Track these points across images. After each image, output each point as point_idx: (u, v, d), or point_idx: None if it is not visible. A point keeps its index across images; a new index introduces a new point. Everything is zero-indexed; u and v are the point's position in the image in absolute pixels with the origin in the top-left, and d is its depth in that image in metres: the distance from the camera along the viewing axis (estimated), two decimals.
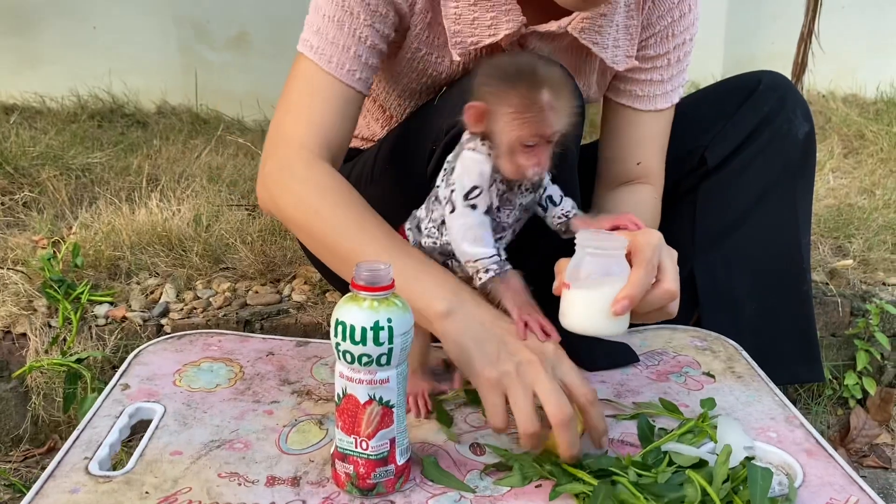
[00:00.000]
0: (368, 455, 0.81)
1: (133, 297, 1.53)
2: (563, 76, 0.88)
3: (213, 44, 3.34)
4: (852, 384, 1.64)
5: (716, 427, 0.93)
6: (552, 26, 1.09)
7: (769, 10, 3.52)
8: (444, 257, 0.97)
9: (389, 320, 0.78)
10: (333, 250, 1.01)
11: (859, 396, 1.64)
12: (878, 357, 1.66)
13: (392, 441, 0.82)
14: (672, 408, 1.00)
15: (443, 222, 0.94)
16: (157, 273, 1.62)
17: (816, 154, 1.30)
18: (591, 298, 0.87)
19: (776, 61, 3.10)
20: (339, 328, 0.78)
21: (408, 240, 0.99)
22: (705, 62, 3.30)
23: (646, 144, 1.24)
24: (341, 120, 1.09)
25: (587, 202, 1.23)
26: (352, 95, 1.09)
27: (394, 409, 0.81)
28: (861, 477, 1.48)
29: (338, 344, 0.79)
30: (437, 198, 0.95)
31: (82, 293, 1.49)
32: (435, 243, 0.96)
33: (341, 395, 0.81)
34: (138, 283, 1.59)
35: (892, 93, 3.39)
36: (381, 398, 0.80)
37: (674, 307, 0.90)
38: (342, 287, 1.49)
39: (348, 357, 0.79)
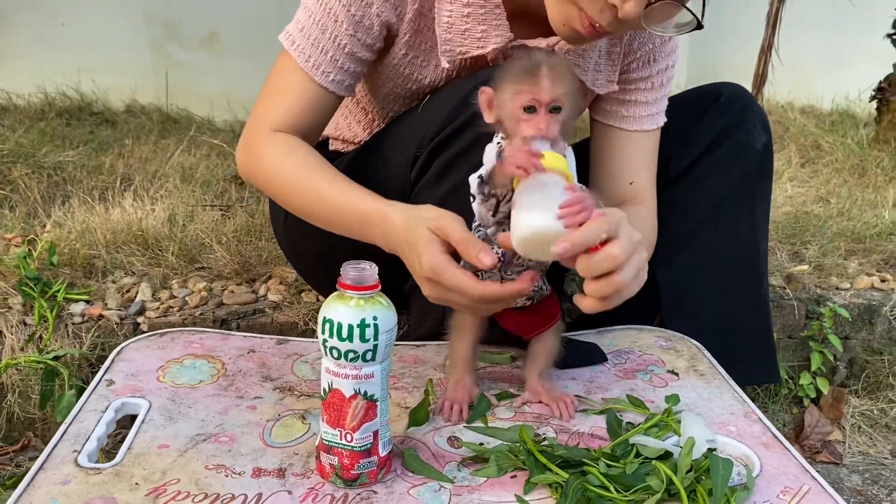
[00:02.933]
0: (353, 447, 0.85)
1: (109, 296, 1.54)
2: (563, 60, 0.95)
3: (184, 43, 3.33)
4: (807, 384, 1.71)
5: (680, 421, 0.99)
6: (540, 43, 1.14)
7: (731, 24, 3.62)
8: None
9: (375, 318, 0.81)
10: (295, 196, 1.12)
11: (813, 395, 1.72)
12: (831, 358, 1.73)
13: (375, 434, 0.85)
14: (639, 403, 1.05)
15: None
16: (133, 272, 1.64)
17: (774, 163, 1.37)
18: (532, 217, 0.87)
19: (737, 72, 3.20)
20: (327, 325, 0.82)
21: None
22: None
23: (637, 164, 1.28)
24: (311, 114, 1.16)
25: None
26: (324, 94, 1.14)
27: (377, 403, 0.85)
28: None
29: (325, 340, 0.82)
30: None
31: (58, 291, 1.49)
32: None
33: (327, 390, 0.85)
34: (114, 282, 1.60)
35: (846, 105, 3.51)
36: (365, 392, 0.83)
37: (619, 291, 0.87)
38: (319, 286, 1.52)
39: (335, 353, 0.82)
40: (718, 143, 1.30)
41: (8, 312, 1.47)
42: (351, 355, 0.82)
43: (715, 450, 0.92)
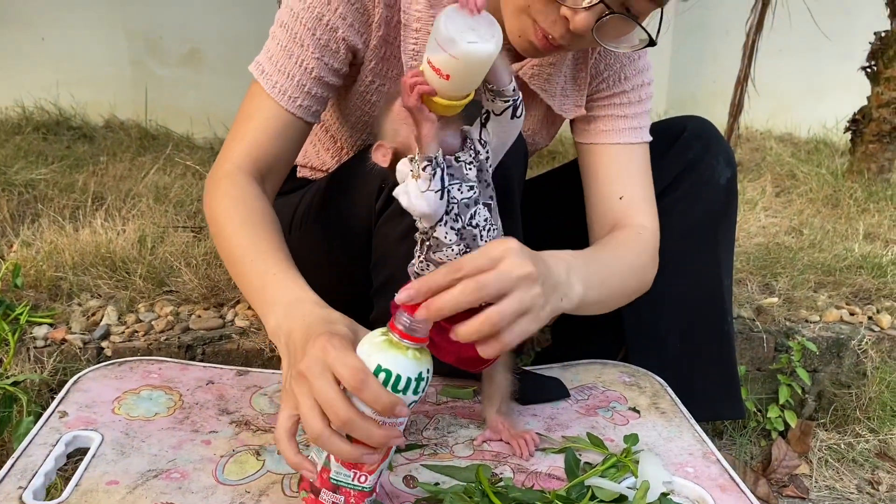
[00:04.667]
0: (364, 487, 0.82)
1: (73, 319, 1.52)
2: None
3: (164, 59, 3.33)
4: (775, 417, 1.72)
5: (638, 462, 0.98)
6: None
7: (710, 52, 3.67)
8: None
9: (429, 371, 0.79)
10: (224, 248, 1.06)
11: (781, 429, 1.72)
12: (799, 391, 1.74)
13: (381, 472, 0.85)
14: (598, 442, 1.05)
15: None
16: (100, 295, 1.62)
17: (738, 198, 1.37)
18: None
19: (716, 99, 3.25)
20: (382, 374, 0.76)
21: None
22: None
23: (624, 177, 1.24)
24: (276, 142, 1.13)
25: (535, 233, 1.21)
26: (291, 121, 1.13)
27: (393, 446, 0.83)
28: None
29: None
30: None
31: (21, 314, 1.47)
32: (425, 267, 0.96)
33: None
34: (79, 305, 1.58)
35: (824, 133, 3.55)
36: None
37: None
38: None
39: None
40: (682, 179, 1.31)
41: None
42: None
43: (669, 494, 0.92)
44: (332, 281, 1.24)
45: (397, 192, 0.89)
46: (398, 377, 0.76)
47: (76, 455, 0.99)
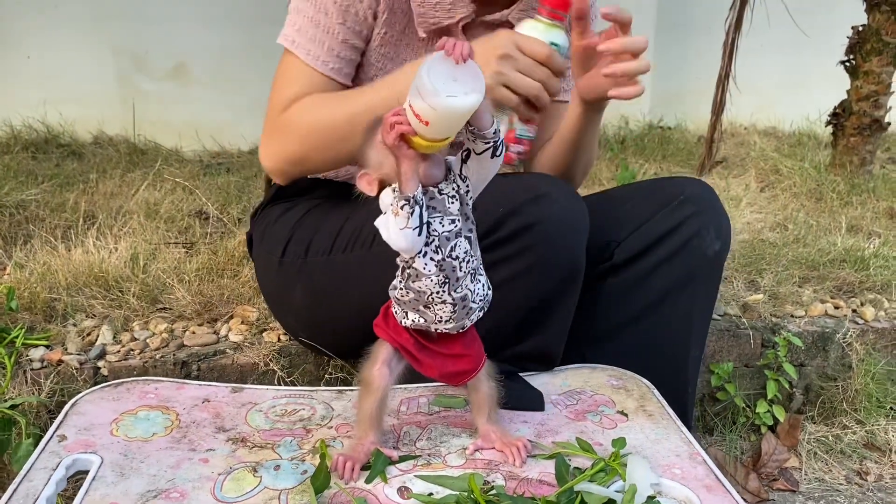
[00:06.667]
0: (532, 136, 1.25)
1: (69, 340, 1.54)
2: None
3: (151, 74, 3.34)
4: (763, 412, 1.75)
5: (626, 465, 1.01)
6: (495, 15, 1.29)
7: (694, 48, 3.70)
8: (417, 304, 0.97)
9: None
10: (337, 114, 1.22)
11: (770, 423, 1.75)
12: (787, 386, 1.77)
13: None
14: (587, 447, 1.07)
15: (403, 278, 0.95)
16: (94, 314, 1.64)
17: (722, 272, 1.34)
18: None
19: (700, 96, 3.28)
20: (555, 48, 1.13)
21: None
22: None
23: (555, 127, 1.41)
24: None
25: None
26: (326, 82, 1.29)
27: None
28: (770, 500, 1.59)
29: None
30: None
31: (17, 337, 1.49)
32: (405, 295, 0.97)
33: None
34: (74, 325, 1.60)
35: (806, 127, 3.59)
36: None
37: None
38: (291, 330, 1.51)
39: None
40: (667, 241, 1.29)
41: None
42: None
43: (655, 496, 0.94)
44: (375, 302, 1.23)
45: (378, 223, 0.90)
46: (563, 48, 1.12)
47: (78, 476, 1.01)
